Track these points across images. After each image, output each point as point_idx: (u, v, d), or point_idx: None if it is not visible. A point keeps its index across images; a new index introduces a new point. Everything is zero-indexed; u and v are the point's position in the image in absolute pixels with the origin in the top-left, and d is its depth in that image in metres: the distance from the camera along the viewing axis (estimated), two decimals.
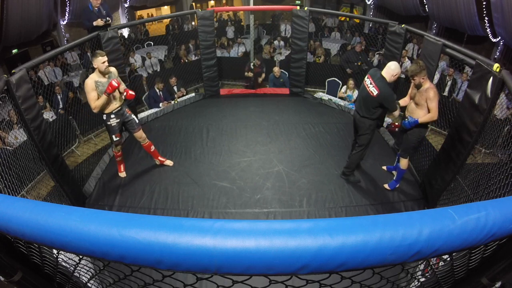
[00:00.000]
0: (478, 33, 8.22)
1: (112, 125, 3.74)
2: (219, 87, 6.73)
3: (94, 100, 3.49)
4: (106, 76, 3.54)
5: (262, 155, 4.61)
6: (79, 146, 5.90)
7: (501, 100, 3.01)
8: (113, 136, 3.83)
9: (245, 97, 6.63)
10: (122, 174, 4.27)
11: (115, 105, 3.68)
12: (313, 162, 4.44)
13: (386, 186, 4.00)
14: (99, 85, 3.48)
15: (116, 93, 3.65)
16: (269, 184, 4.03)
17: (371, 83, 3.37)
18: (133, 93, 3.69)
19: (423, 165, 4.19)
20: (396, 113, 3.42)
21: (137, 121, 3.98)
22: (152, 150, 4.24)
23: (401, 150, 3.76)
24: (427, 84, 3.27)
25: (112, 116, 3.70)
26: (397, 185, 3.98)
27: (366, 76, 3.47)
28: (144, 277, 0.91)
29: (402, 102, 3.61)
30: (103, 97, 3.49)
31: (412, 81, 3.30)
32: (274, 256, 0.66)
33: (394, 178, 3.99)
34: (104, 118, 3.70)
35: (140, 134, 4.00)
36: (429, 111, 3.30)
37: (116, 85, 3.45)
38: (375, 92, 3.32)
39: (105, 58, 3.47)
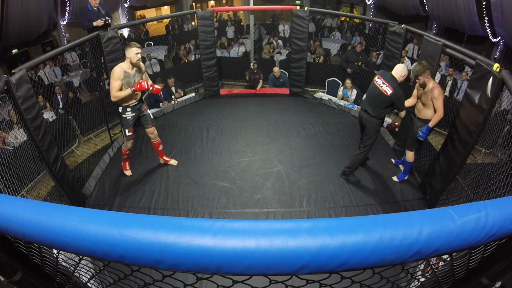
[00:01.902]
0: (478, 33, 8.22)
1: (127, 118, 3.72)
2: (219, 87, 6.73)
3: (117, 90, 3.45)
4: (135, 69, 3.54)
5: (262, 155, 4.61)
6: (79, 146, 5.90)
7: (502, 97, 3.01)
8: (126, 131, 3.79)
9: (245, 97, 6.63)
10: (128, 172, 4.26)
11: (133, 100, 3.69)
12: (313, 162, 4.44)
13: (394, 178, 4.10)
14: (126, 76, 3.47)
15: None
16: (269, 184, 4.03)
17: (383, 83, 3.46)
18: (158, 87, 3.67)
19: (423, 165, 4.19)
20: (403, 113, 3.60)
21: (152, 116, 3.99)
22: (159, 148, 4.26)
23: (408, 144, 3.86)
24: (431, 84, 3.38)
25: (129, 109, 3.69)
26: (406, 177, 4.08)
27: (376, 77, 3.57)
28: (144, 277, 0.91)
29: (407, 103, 3.71)
30: (127, 91, 3.47)
31: (417, 81, 3.41)
32: (274, 256, 0.66)
33: (402, 170, 4.09)
34: (120, 110, 3.69)
35: (152, 130, 4.00)
36: (435, 110, 3.41)
37: (146, 87, 3.46)
38: (389, 91, 3.41)
39: (140, 50, 3.46)
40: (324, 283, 0.85)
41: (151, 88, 3.56)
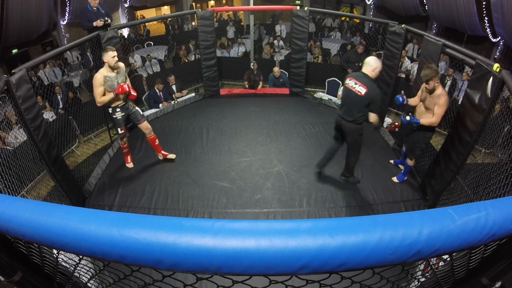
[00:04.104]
0: (478, 33, 8.22)
1: (118, 118, 3.85)
2: (219, 87, 6.73)
3: (100, 95, 3.59)
4: (115, 71, 3.65)
5: (262, 155, 4.61)
6: (79, 146, 5.90)
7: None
8: (119, 129, 3.95)
9: (245, 97, 6.63)
10: (130, 165, 4.35)
11: (121, 101, 3.80)
12: (313, 162, 4.43)
13: (394, 179, 4.09)
14: (107, 80, 3.59)
15: None
16: (269, 184, 4.03)
17: (356, 83, 3.24)
18: (134, 93, 3.78)
19: (423, 165, 4.19)
20: (373, 117, 3.26)
21: (141, 112, 4.08)
22: (156, 143, 4.30)
23: (408, 151, 3.84)
24: (439, 90, 3.25)
25: (118, 109, 3.82)
26: (405, 178, 4.07)
27: (347, 79, 3.34)
28: (144, 277, 0.91)
29: (412, 101, 3.62)
30: (110, 95, 3.61)
31: (426, 85, 3.27)
32: (274, 256, 0.66)
33: (402, 171, 4.09)
34: (110, 111, 3.82)
35: (145, 126, 4.07)
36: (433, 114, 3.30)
37: (127, 90, 3.60)
38: (363, 91, 3.18)
39: (115, 53, 3.59)
40: (324, 283, 0.85)
41: (132, 92, 3.69)
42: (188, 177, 4.18)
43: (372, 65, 3.20)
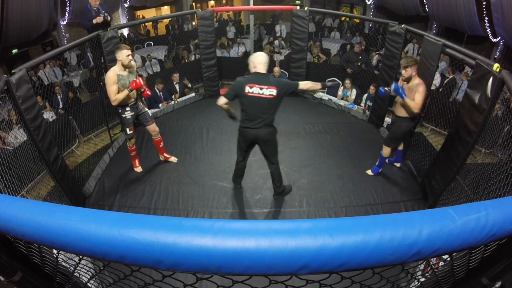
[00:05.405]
0: (478, 33, 8.22)
1: (127, 117, 3.79)
2: (219, 87, 6.73)
3: (115, 93, 3.52)
4: (127, 70, 3.60)
5: (262, 155, 4.59)
6: (79, 146, 5.90)
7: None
8: (127, 129, 3.87)
9: None
10: (138, 169, 4.29)
11: (132, 99, 3.76)
12: (313, 162, 4.44)
13: (369, 172, 4.12)
14: (120, 78, 3.53)
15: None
16: (269, 184, 4.02)
17: (261, 88, 2.96)
18: (149, 92, 3.77)
19: (423, 165, 4.19)
20: (305, 84, 3.09)
21: (150, 114, 4.06)
22: (161, 146, 4.31)
23: (386, 138, 3.90)
24: (417, 80, 3.40)
25: (127, 109, 3.76)
26: (380, 170, 4.10)
27: (247, 87, 2.99)
28: (144, 277, 0.91)
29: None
30: (125, 92, 3.55)
31: (404, 71, 3.40)
32: (274, 256, 0.66)
33: (376, 164, 4.10)
34: (119, 111, 3.76)
35: (153, 127, 4.06)
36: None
37: (141, 84, 3.54)
38: (274, 92, 2.96)
39: (130, 52, 3.53)
40: (324, 283, 0.85)
41: (147, 91, 3.66)
42: (188, 177, 4.18)
43: (264, 60, 3.00)
